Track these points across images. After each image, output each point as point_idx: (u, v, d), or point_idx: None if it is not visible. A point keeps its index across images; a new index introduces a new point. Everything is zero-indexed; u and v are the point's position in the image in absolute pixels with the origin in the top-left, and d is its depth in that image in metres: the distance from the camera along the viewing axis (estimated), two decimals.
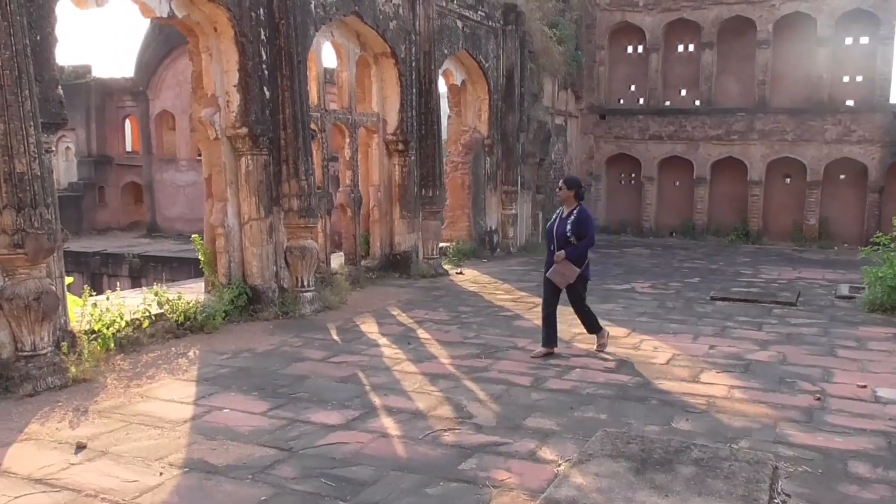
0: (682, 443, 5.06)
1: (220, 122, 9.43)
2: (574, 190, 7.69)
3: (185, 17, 9.00)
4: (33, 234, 6.35)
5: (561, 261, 7.56)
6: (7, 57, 6.26)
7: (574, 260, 7.55)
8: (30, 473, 4.75)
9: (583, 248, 7.59)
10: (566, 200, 7.75)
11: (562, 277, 7.60)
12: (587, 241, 7.61)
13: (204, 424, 5.68)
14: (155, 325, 8.15)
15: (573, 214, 7.62)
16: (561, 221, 7.67)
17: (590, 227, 7.62)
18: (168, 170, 27.00)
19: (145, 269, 21.26)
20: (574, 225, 7.56)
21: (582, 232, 7.56)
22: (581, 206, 7.72)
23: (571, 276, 7.56)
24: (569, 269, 7.54)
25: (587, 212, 7.75)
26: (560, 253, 7.55)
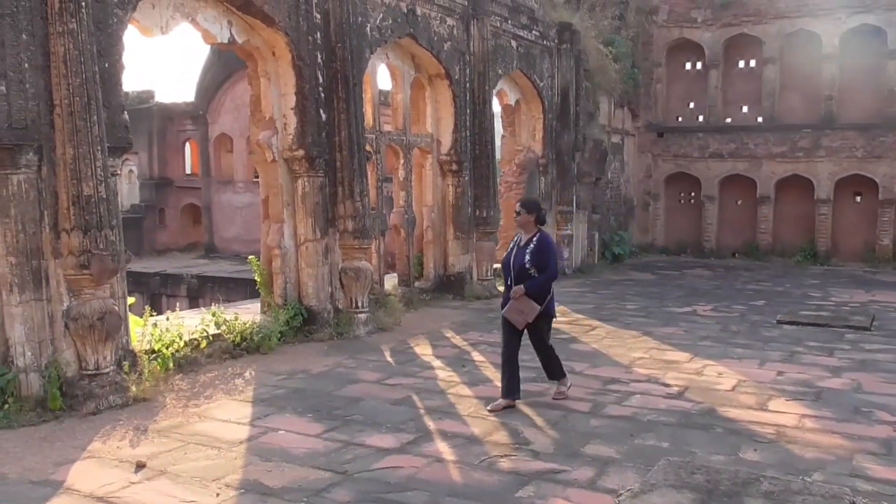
0: (751, 474, 4.85)
1: (278, 144, 9.56)
2: (534, 213, 6.70)
3: (245, 43, 9.17)
4: (98, 255, 6.50)
5: (519, 296, 6.51)
6: (77, 84, 6.46)
7: (534, 295, 6.52)
8: (92, 491, 4.81)
9: (544, 281, 6.56)
10: (525, 226, 6.74)
11: (520, 315, 6.57)
12: (549, 273, 6.59)
13: (260, 445, 5.69)
14: (212, 345, 8.24)
15: (532, 242, 6.63)
16: (519, 251, 6.68)
17: (551, 256, 6.63)
18: (225, 192, 27.55)
19: (203, 289, 21.61)
20: (534, 254, 6.57)
21: (543, 262, 6.57)
22: (542, 231, 6.73)
23: (531, 313, 6.53)
24: (528, 305, 6.51)
25: (549, 238, 6.75)
26: (518, 287, 6.52)
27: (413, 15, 11.52)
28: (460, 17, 12.69)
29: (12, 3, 6.39)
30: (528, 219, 6.71)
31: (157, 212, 28.16)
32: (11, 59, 6.39)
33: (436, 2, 12.00)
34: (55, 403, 6.33)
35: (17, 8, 6.43)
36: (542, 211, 6.85)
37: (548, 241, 6.69)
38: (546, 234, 6.73)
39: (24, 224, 6.43)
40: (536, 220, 6.72)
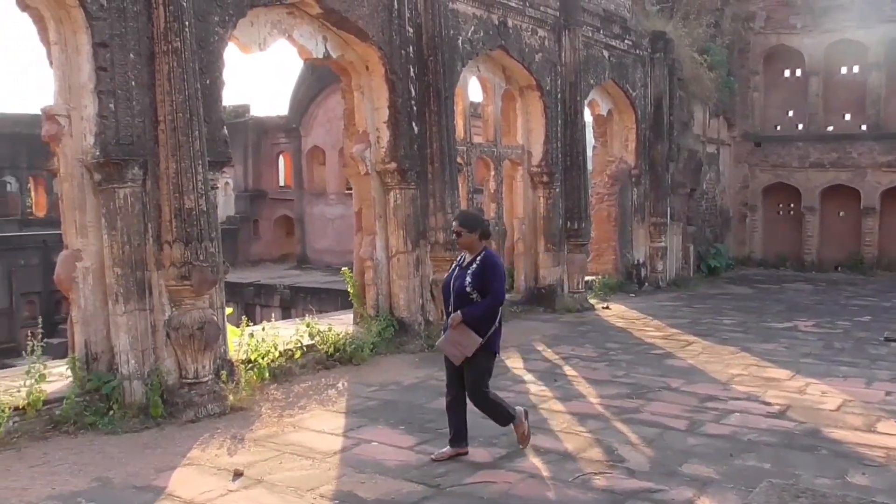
0: (860, 499, 4.53)
1: (371, 157, 9.67)
2: (476, 230, 5.57)
3: (340, 57, 9.33)
4: (199, 267, 6.69)
5: (456, 325, 5.41)
6: (180, 100, 6.68)
7: (474, 325, 5.39)
8: (191, 498, 4.91)
9: (486, 308, 5.42)
10: (468, 247, 5.64)
11: (456, 349, 5.44)
12: (491, 299, 5.45)
13: (353, 457, 5.70)
14: (306, 355, 8.36)
15: (476, 262, 5.54)
16: (460, 272, 5.61)
17: (497, 277, 5.48)
18: (318, 204, 28.12)
19: (295, 299, 22.05)
20: (476, 276, 5.46)
21: (486, 285, 5.45)
22: (487, 250, 5.67)
23: (469, 347, 5.38)
24: (466, 337, 5.37)
25: (494, 258, 5.63)
26: (455, 315, 5.43)
27: (504, 27, 11.48)
28: (552, 28, 12.57)
29: (122, 24, 6.68)
30: (470, 239, 5.59)
31: (252, 223, 29.01)
32: (120, 78, 6.68)
33: (527, 13, 11.94)
34: (157, 411, 6.52)
35: (126, 29, 6.71)
36: (485, 223, 5.75)
37: (493, 261, 5.56)
38: (492, 253, 5.66)
39: (129, 236, 6.68)
40: (480, 236, 5.61)
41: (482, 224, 5.69)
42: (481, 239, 5.62)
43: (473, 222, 5.64)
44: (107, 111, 6.60)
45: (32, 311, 21.58)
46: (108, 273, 6.67)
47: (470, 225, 5.58)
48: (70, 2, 6.54)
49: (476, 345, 5.37)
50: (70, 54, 6.73)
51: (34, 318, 21.56)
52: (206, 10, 7.27)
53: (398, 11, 9.51)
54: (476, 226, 5.60)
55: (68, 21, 6.67)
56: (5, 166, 26.53)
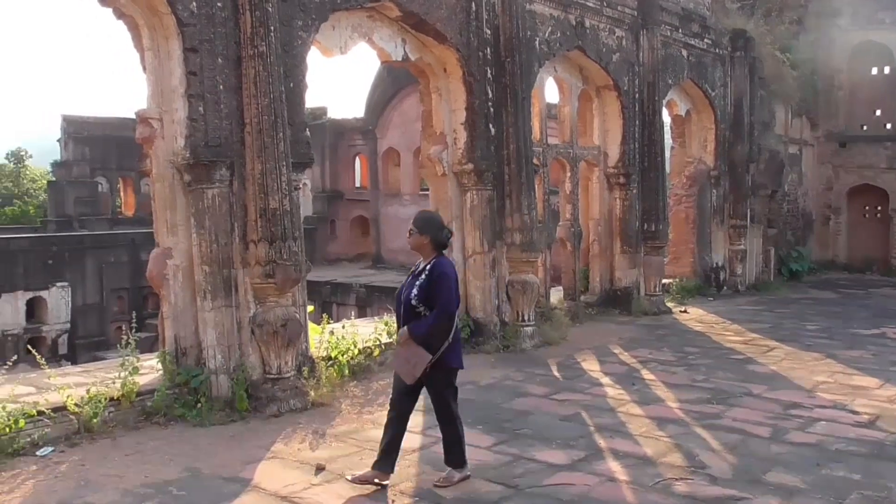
0: None
1: (448, 158, 9.74)
2: (428, 235, 5.02)
3: (418, 60, 9.44)
4: (282, 265, 6.87)
5: (404, 341, 4.98)
6: (266, 103, 6.88)
7: (423, 341, 4.91)
8: (276, 490, 5.05)
9: (432, 324, 4.89)
10: (419, 250, 5.10)
11: (406, 367, 4.97)
12: (438, 312, 4.89)
13: (431, 455, 5.74)
14: (384, 353, 8.46)
15: (424, 272, 5.02)
16: (410, 281, 5.11)
17: (444, 289, 4.92)
18: (392, 204, 28.45)
19: (370, 298, 22.37)
20: (423, 288, 4.95)
21: (433, 298, 4.92)
22: (439, 258, 5.05)
23: (419, 364, 4.90)
24: (415, 354, 4.90)
25: (443, 267, 5.00)
26: (403, 331, 5.00)
27: (581, 27, 11.40)
28: (629, 27, 12.41)
29: (210, 30, 6.92)
30: (420, 241, 5.04)
31: (329, 223, 29.54)
32: (209, 82, 6.91)
33: (605, 13, 11.82)
34: (242, 405, 6.72)
35: (214, 34, 6.95)
36: (443, 231, 5.08)
37: (441, 270, 4.96)
38: (443, 262, 5.04)
39: (216, 235, 6.91)
40: (433, 242, 5.03)
41: (435, 229, 5.04)
42: (434, 246, 5.04)
43: (425, 224, 5.06)
44: (196, 114, 6.84)
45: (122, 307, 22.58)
46: (197, 270, 6.91)
47: (420, 226, 5.04)
48: (162, 9, 6.81)
49: (425, 362, 4.87)
50: (162, 59, 7.01)
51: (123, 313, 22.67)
52: (290, 14, 7.46)
53: (476, 13, 9.55)
54: (426, 229, 5.03)
55: (161, 28, 6.94)
56: (97, 168, 27.76)
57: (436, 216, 5.39)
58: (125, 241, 23.26)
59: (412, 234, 5.07)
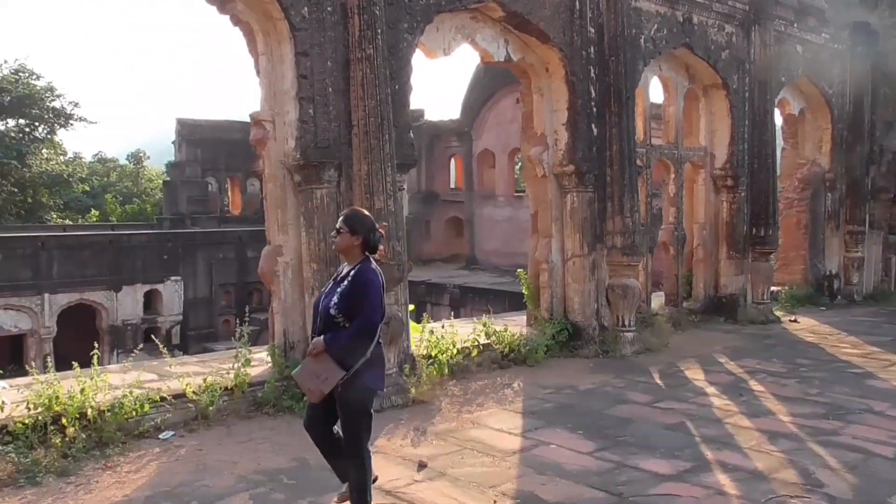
0: None
1: (548, 159, 9.66)
2: (359, 235, 4.40)
3: (520, 60, 9.41)
4: (387, 265, 6.95)
5: (316, 354, 4.32)
6: (372, 105, 7.01)
7: (337, 355, 4.27)
8: (380, 485, 5.12)
9: (350, 338, 4.26)
10: (346, 252, 4.49)
11: (314, 382, 4.32)
12: (359, 325, 4.26)
13: (532, 458, 5.72)
14: (482, 354, 8.49)
15: (348, 278, 4.39)
16: (331, 287, 4.49)
17: (368, 299, 4.29)
18: (487, 206, 28.50)
19: (464, 299, 22.50)
20: (344, 297, 4.32)
21: (354, 309, 4.29)
22: (364, 263, 4.40)
23: (329, 381, 4.26)
24: (327, 369, 4.26)
25: (368, 273, 4.35)
26: (316, 341, 4.35)
27: (689, 24, 11.09)
28: (740, 23, 11.99)
29: (321, 34, 7.11)
30: (349, 242, 4.41)
31: (424, 224, 29.84)
32: (318, 85, 7.11)
33: (714, 8, 11.45)
34: None
35: (324, 38, 7.14)
36: (375, 234, 4.44)
37: (366, 277, 4.34)
38: (369, 268, 4.39)
39: (324, 234, 7.06)
40: (363, 244, 4.42)
41: (367, 230, 4.42)
42: (363, 248, 4.42)
43: (357, 223, 4.43)
44: (306, 116, 7.04)
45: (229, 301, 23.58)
46: (305, 268, 7.12)
47: (351, 225, 4.41)
48: (276, 14, 7.05)
49: (336, 379, 4.24)
50: (275, 63, 7.26)
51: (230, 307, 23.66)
52: (396, 17, 7.57)
53: (580, 12, 9.44)
54: (359, 229, 4.40)
55: (274, 33, 7.19)
56: (207, 168, 29.02)
57: (368, 216, 4.65)
58: (233, 238, 24.26)
59: (341, 233, 4.43)
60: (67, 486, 5.10)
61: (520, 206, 26.86)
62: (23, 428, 5.54)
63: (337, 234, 4.47)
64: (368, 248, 4.43)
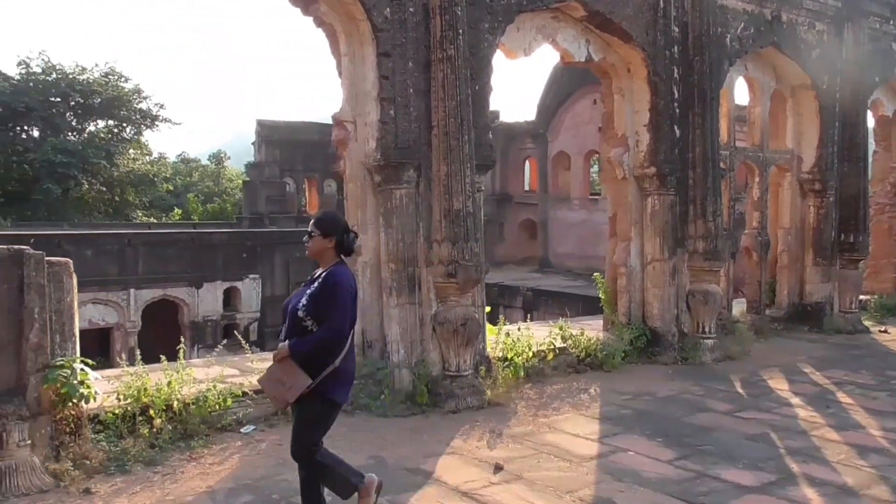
0: None
1: (629, 161, 9.50)
2: (334, 237, 4.27)
3: (601, 60, 9.28)
4: (464, 266, 6.99)
5: (281, 359, 4.13)
6: (452, 106, 7.03)
7: (303, 361, 4.07)
8: (457, 485, 5.14)
9: (316, 343, 4.07)
10: (320, 255, 4.32)
11: (278, 389, 4.12)
12: (326, 330, 4.08)
13: (609, 464, 5.63)
14: (558, 358, 8.42)
15: (320, 279, 4.25)
16: (302, 289, 4.35)
17: (338, 303, 4.11)
18: (561, 208, 28.24)
19: (536, 302, 22.31)
20: (313, 298, 4.16)
21: (322, 312, 4.12)
22: (337, 266, 4.27)
23: (294, 388, 4.05)
24: (292, 375, 4.06)
25: (339, 276, 4.19)
26: (282, 346, 4.16)
27: (777, 22, 10.73)
28: (831, 20, 11.54)
29: (402, 35, 7.17)
30: (322, 245, 4.28)
31: (498, 226, 29.76)
32: (400, 86, 7.16)
33: (804, 6, 11.06)
34: (422, 399, 6.91)
35: (406, 39, 7.19)
36: (349, 235, 4.32)
37: (336, 280, 4.16)
38: (342, 271, 4.24)
39: (403, 234, 7.14)
40: (337, 246, 4.29)
41: (340, 232, 4.29)
42: (337, 251, 4.29)
43: (329, 225, 4.30)
44: (387, 117, 7.11)
45: None
46: (384, 268, 7.19)
47: (323, 227, 4.28)
48: (359, 16, 7.14)
49: (302, 387, 4.03)
50: (357, 64, 7.36)
51: None
52: (477, 17, 7.57)
53: (664, 11, 9.26)
54: (331, 231, 4.27)
55: (357, 34, 7.28)
56: (285, 169, 29.66)
57: (341, 217, 4.58)
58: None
59: (313, 237, 4.29)
60: (154, 475, 5.28)
61: (595, 208, 26.55)
62: (113, 418, 5.75)
63: (309, 237, 4.31)
64: (343, 250, 4.31)
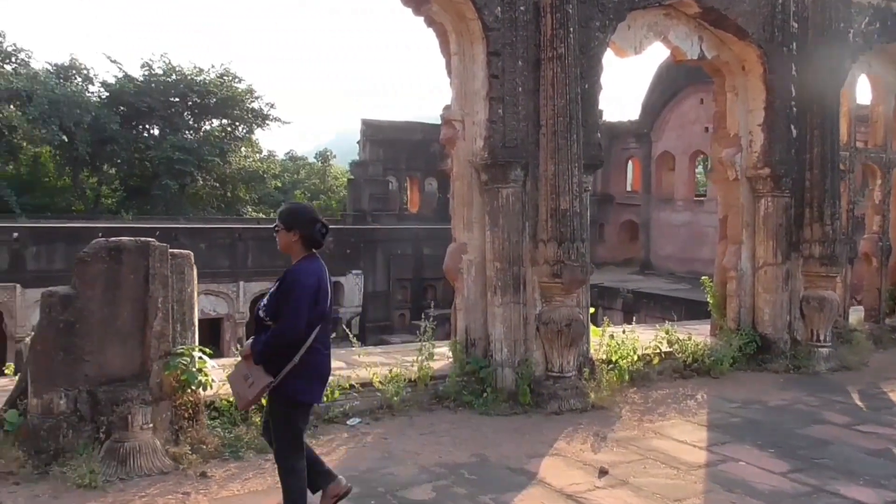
0: None
1: (741, 162, 9.19)
2: (298, 230, 4.15)
3: (714, 58, 9.01)
4: (570, 266, 6.93)
5: (245, 357, 4.18)
6: (561, 105, 6.98)
7: (262, 360, 4.05)
8: (561, 488, 5.11)
9: (267, 342, 4.04)
10: (288, 249, 4.21)
11: (241, 386, 4.12)
12: (279, 328, 4.02)
13: (719, 473, 5.48)
14: (664, 362, 8.23)
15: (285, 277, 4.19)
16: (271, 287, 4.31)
17: (293, 301, 4.01)
18: (664, 209, 27.61)
19: (637, 304, 21.89)
20: (273, 297, 4.13)
21: (279, 310, 4.07)
22: (307, 260, 4.17)
23: (254, 386, 4.04)
24: (254, 374, 4.06)
25: (297, 273, 4.10)
26: (246, 344, 4.25)
27: None
28: None
29: (512, 34, 7.17)
30: (286, 239, 4.18)
31: (598, 227, 29.36)
32: (508, 85, 7.17)
33: None
34: (525, 399, 6.90)
35: (516, 37, 7.19)
36: (316, 225, 4.16)
37: (294, 278, 4.08)
38: (301, 267, 4.13)
39: (508, 233, 7.14)
40: (303, 240, 4.16)
41: (304, 224, 4.15)
42: (306, 245, 4.17)
43: (291, 218, 4.19)
44: (495, 116, 7.13)
45: (405, 295, 24.46)
46: (489, 266, 7.21)
47: (286, 220, 4.18)
48: (470, 15, 7.18)
49: (262, 386, 4.02)
50: (466, 64, 7.41)
51: (405, 301, 24.53)
52: (588, 15, 7.49)
53: (782, 6, 8.90)
54: (294, 223, 4.15)
55: (467, 33, 7.33)
56: (388, 168, 30.18)
57: (306, 207, 4.43)
58: (410, 235, 25.10)
59: (278, 231, 4.20)
60: (265, 462, 5.46)
61: (699, 210, 25.83)
62: (227, 405, 5.99)
63: (275, 232, 4.23)
64: (311, 243, 4.18)
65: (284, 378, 4.01)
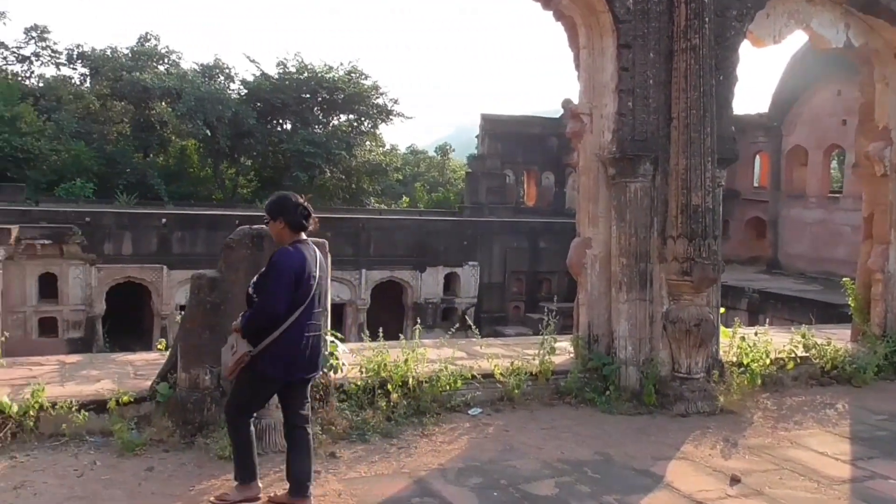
0: None
1: (890, 156, 8.57)
2: (282, 217, 4.43)
3: (862, 46, 8.44)
4: (700, 264, 6.68)
5: (235, 330, 4.49)
6: (695, 97, 6.73)
7: (247, 333, 4.36)
8: (691, 493, 4.94)
9: (249, 318, 4.35)
10: (280, 238, 4.52)
11: (227, 355, 4.71)
12: (259, 305, 4.33)
13: (866, 490, 5.15)
14: (799, 367, 7.79)
15: None
16: None
17: (271, 282, 4.31)
18: (795, 206, 26.25)
19: (764, 304, 20.94)
20: (260, 276, 4.48)
21: (261, 289, 4.38)
22: (297, 242, 4.44)
23: (236, 354, 4.40)
24: (238, 343, 4.42)
25: (281, 255, 4.36)
26: (236, 321, 4.51)
27: None
28: None
29: (644, 25, 6.96)
30: (276, 228, 4.49)
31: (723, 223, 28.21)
32: (639, 77, 6.97)
33: None
34: (649, 398, 6.71)
35: (648, 29, 6.98)
36: (298, 209, 4.44)
37: (275, 260, 4.35)
38: (284, 251, 4.39)
39: (635, 228, 6.95)
40: (289, 226, 4.44)
41: (287, 210, 4.44)
42: (292, 230, 4.44)
43: (274, 207, 4.48)
44: (625, 109, 6.95)
45: (520, 288, 24.47)
46: (614, 262, 7.06)
47: (271, 210, 4.49)
48: (600, 7, 7.03)
49: (241, 353, 4.34)
50: (595, 57, 7.27)
51: (520, 294, 24.51)
52: (725, 4, 7.18)
53: None
54: (277, 212, 4.45)
55: (596, 26, 7.19)
56: (506, 161, 30.21)
57: (287, 195, 4.61)
58: (526, 228, 25.04)
59: (267, 225, 4.58)
60: (391, 447, 5.57)
61: (834, 207, 24.41)
62: (356, 389, 6.14)
63: (265, 225, 4.61)
64: (296, 227, 4.45)
65: (261, 351, 4.31)
